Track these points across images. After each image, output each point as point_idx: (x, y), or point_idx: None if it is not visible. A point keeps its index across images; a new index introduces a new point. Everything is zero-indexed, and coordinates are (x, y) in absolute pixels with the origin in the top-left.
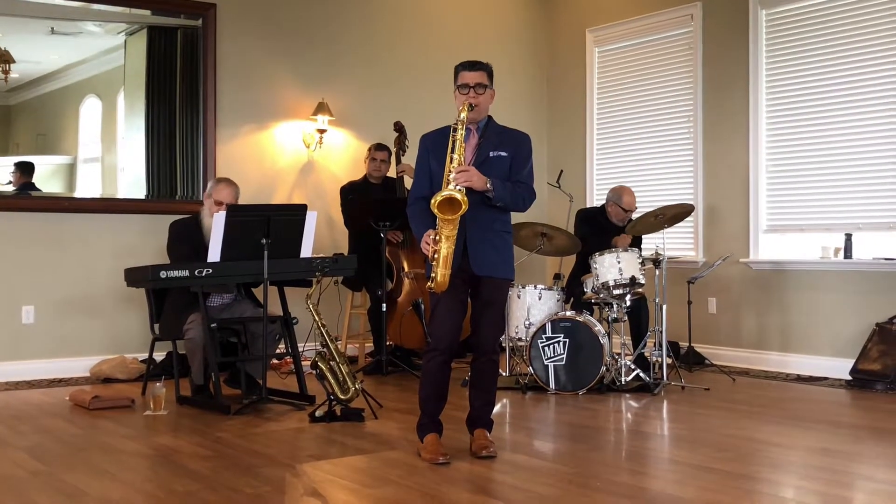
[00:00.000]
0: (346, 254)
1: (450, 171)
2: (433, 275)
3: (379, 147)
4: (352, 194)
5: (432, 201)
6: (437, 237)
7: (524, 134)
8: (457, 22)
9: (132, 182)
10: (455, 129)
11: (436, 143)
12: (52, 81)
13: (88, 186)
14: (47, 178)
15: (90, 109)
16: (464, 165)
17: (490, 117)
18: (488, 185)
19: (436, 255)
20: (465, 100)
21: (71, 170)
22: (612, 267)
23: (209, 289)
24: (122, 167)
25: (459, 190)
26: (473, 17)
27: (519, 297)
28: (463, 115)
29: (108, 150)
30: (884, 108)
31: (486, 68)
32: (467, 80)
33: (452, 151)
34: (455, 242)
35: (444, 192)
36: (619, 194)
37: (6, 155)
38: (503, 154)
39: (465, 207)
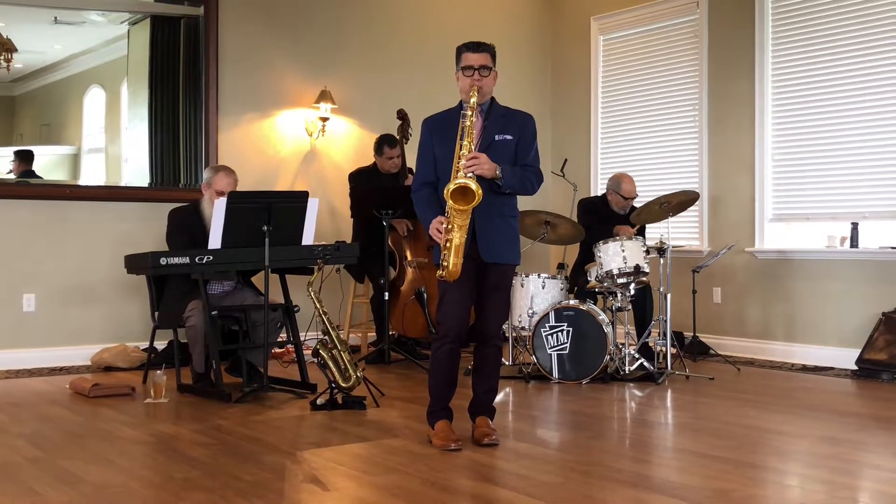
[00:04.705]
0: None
1: (459, 159)
2: (444, 263)
3: (392, 144)
4: (360, 181)
5: (445, 190)
6: (450, 226)
7: (527, 114)
8: (460, 9)
9: (136, 172)
10: (464, 116)
11: (438, 127)
12: (55, 71)
13: (92, 177)
14: (51, 168)
15: (94, 99)
16: (474, 153)
17: (493, 98)
18: (497, 173)
19: (448, 244)
20: (471, 82)
21: (75, 160)
22: (616, 255)
23: (209, 276)
24: (125, 157)
25: (471, 177)
26: (477, 4)
27: (522, 285)
28: (473, 100)
29: (112, 141)
30: (891, 95)
31: (490, 50)
32: (471, 61)
33: (462, 138)
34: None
35: (458, 181)
36: (618, 182)
37: (10, 145)
38: (508, 137)
39: (479, 198)
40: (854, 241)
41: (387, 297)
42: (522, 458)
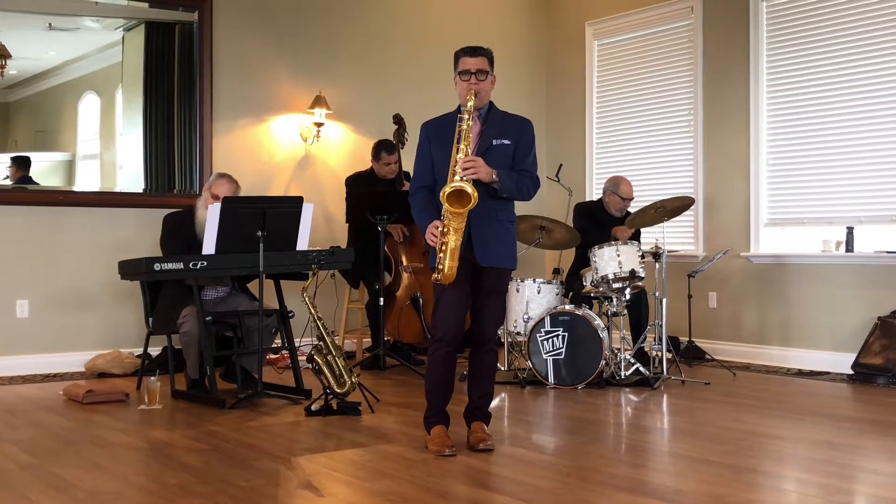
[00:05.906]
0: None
1: (456, 162)
2: (440, 266)
3: (390, 151)
4: (357, 186)
5: (441, 193)
6: (445, 229)
7: (526, 120)
8: (455, 14)
9: (131, 178)
10: (461, 119)
11: (437, 131)
12: (50, 78)
13: (87, 183)
14: (46, 174)
15: (89, 106)
16: (470, 157)
17: (491, 103)
18: (494, 177)
19: (443, 247)
20: (468, 86)
21: (70, 166)
22: (611, 260)
23: (204, 282)
24: (120, 163)
25: (467, 181)
26: (472, 10)
27: (518, 290)
28: (470, 103)
29: (107, 147)
30: (886, 100)
31: (487, 54)
32: (469, 66)
33: (459, 142)
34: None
35: (454, 185)
36: (617, 183)
37: (5, 151)
38: (506, 142)
39: (474, 201)
40: (849, 246)
41: (382, 303)
42: (518, 463)
